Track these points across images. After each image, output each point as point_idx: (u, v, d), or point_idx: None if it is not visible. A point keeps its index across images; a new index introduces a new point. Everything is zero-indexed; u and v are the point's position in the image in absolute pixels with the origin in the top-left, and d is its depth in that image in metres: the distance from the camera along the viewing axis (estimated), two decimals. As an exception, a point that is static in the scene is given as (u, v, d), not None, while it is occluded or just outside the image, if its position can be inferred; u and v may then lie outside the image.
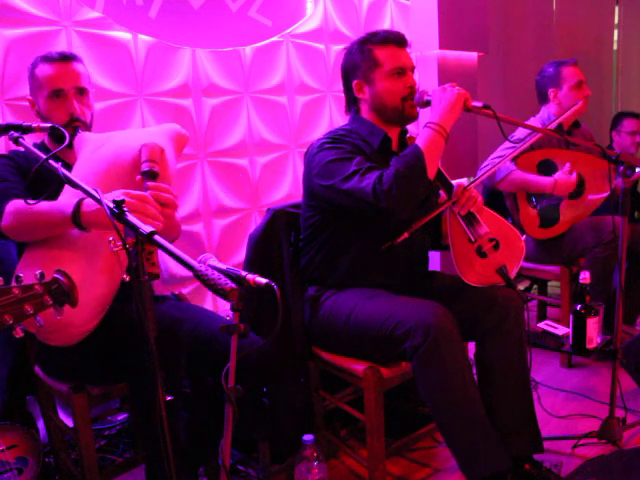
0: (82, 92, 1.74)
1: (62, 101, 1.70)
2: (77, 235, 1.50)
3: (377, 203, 1.64)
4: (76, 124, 1.70)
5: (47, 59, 1.71)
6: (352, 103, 1.90)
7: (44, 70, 1.70)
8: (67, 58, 1.72)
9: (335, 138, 1.79)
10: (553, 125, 2.10)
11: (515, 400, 1.78)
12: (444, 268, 3.08)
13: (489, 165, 2.58)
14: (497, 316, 1.76)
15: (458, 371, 1.63)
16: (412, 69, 1.83)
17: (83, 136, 1.74)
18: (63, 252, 1.50)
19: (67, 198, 1.52)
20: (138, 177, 1.52)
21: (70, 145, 1.69)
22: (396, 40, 1.80)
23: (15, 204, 1.51)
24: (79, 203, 1.41)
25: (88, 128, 1.75)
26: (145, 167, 1.52)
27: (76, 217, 1.41)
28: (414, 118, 1.84)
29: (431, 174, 1.69)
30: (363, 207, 1.68)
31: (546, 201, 2.61)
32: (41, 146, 1.77)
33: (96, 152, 1.63)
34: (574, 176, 2.51)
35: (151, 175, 1.51)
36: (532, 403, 1.82)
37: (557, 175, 2.52)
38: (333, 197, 1.75)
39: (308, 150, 1.85)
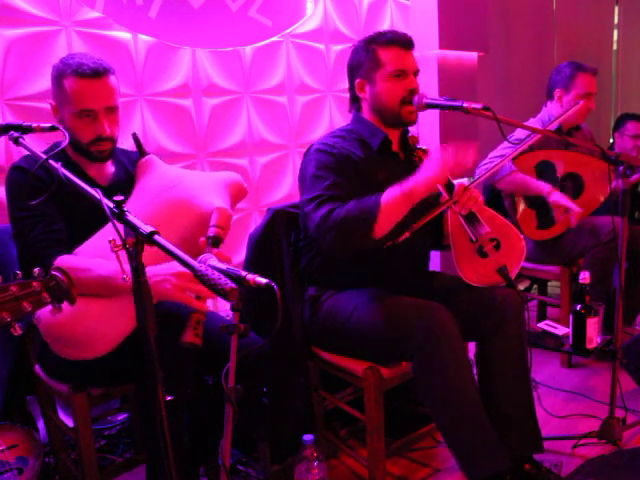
0: (112, 110, 1.62)
1: (91, 120, 1.59)
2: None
3: (318, 240, 1.68)
4: (101, 143, 1.62)
5: (79, 74, 1.56)
6: (354, 101, 1.90)
7: (74, 85, 1.56)
8: (100, 74, 1.57)
9: (328, 145, 1.78)
10: (553, 126, 2.10)
11: (515, 400, 1.78)
12: (445, 268, 3.08)
13: (489, 164, 2.58)
14: (497, 316, 1.76)
15: (458, 371, 1.63)
16: (415, 72, 1.80)
17: (152, 161, 1.73)
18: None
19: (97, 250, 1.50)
20: (202, 239, 1.51)
21: (95, 159, 1.66)
22: (401, 42, 1.79)
23: (62, 263, 1.46)
24: None
25: (114, 143, 1.67)
26: (212, 232, 1.53)
27: None
28: (411, 123, 1.82)
29: (379, 234, 1.62)
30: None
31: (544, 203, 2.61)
32: (58, 150, 1.71)
33: (167, 191, 1.64)
34: (569, 203, 2.49)
35: (216, 242, 1.52)
36: (532, 403, 1.82)
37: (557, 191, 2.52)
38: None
39: (308, 150, 1.86)
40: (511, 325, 1.76)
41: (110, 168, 1.76)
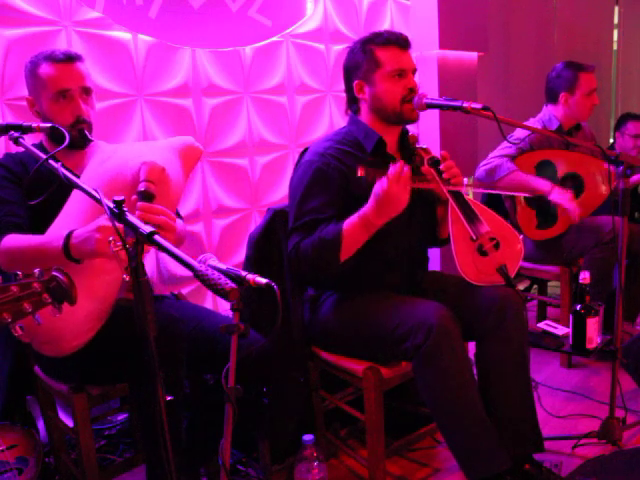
0: (87, 92, 1.69)
1: (68, 102, 1.66)
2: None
3: (290, 266, 1.78)
4: (81, 126, 1.67)
5: (52, 59, 1.65)
6: (352, 103, 1.90)
7: (49, 70, 1.65)
8: (72, 58, 1.67)
9: (319, 155, 1.79)
10: (554, 127, 2.09)
11: (515, 399, 1.78)
12: (444, 268, 3.08)
13: (488, 165, 2.59)
14: (497, 316, 1.76)
15: (459, 371, 1.63)
16: (413, 71, 1.82)
17: (97, 144, 1.73)
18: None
19: (58, 229, 1.50)
20: (134, 197, 1.48)
21: (76, 146, 1.69)
22: (398, 42, 1.79)
23: (8, 241, 1.51)
24: (68, 236, 1.39)
25: (91, 128, 1.71)
26: (140, 187, 1.49)
27: (67, 251, 1.39)
28: (413, 120, 1.83)
29: (343, 259, 1.70)
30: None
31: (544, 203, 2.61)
32: (39, 147, 1.74)
33: (102, 165, 1.63)
34: (572, 201, 2.49)
35: (146, 196, 1.46)
36: (533, 402, 1.82)
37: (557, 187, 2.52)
38: None
39: (302, 154, 1.87)
40: (511, 325, 1.76)
41: (87, 158, 1.76)
